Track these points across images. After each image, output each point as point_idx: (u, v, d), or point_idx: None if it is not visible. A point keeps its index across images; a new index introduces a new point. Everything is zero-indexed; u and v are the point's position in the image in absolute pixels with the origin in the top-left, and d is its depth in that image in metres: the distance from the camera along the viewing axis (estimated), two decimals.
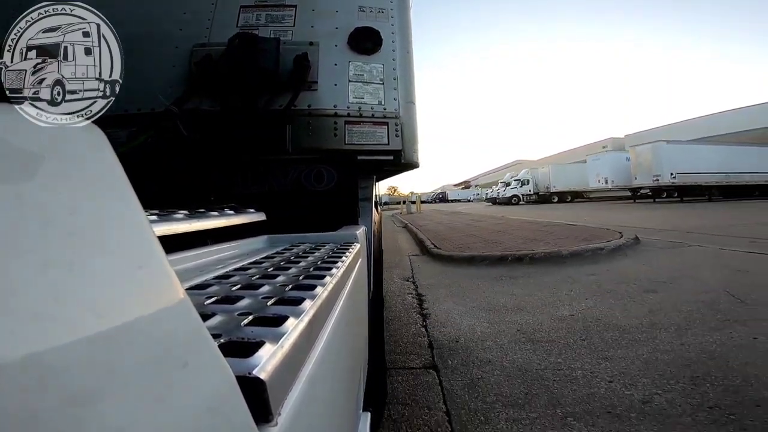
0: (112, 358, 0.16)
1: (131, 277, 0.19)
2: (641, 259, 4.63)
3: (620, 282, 3.59)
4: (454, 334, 2.52)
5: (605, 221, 9.21)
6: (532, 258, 4.76)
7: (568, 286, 3.54)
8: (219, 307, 0.40)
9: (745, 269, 3.79)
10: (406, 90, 1.54)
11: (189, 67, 1.36)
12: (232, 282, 0.51)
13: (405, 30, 1.60)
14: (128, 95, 1.27)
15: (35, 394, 0.12)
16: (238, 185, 1.39)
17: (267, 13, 1.48)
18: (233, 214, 0.98)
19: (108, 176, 0.21)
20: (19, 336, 0.13)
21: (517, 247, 5.46)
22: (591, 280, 3.76)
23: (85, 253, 0.17)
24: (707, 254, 4.75)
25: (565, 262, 4.58)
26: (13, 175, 0.16)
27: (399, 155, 1.48)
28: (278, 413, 0.27)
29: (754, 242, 5.29)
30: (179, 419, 0.18)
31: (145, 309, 0.18)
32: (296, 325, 0.35)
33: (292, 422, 0.28)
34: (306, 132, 1.38)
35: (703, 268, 3.95)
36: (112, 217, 0.20)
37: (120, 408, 0.15)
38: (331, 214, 1.38)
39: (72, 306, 0.15)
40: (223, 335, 0.32)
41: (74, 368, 0.14)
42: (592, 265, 4.40)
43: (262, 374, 0.26)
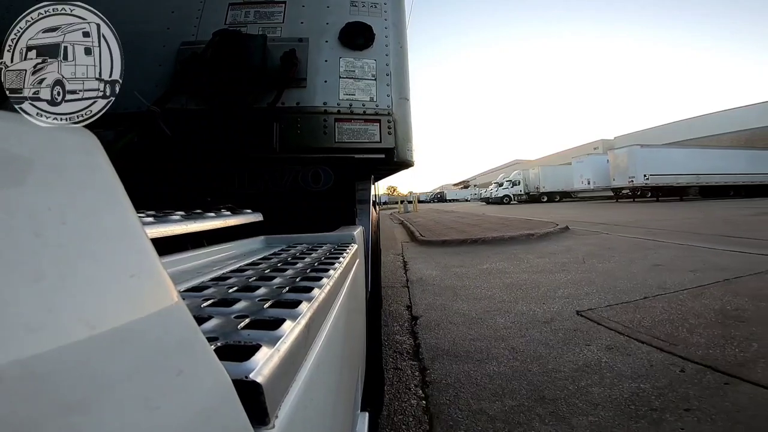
0: (106, 366, 0.16)
1: (124, 283, 0.19)
2: (556, 241, 6.76)
3: (528, 253, 5.67)
4: (420, 276, 4.58)
5: (566, 217, 11.23)
6: (483, 240, 7.03)
7: (495, 256, 5.58)
8: (215, 309, 0.39)
9: (612, 246, 5.78)
10: (400, 86, 1.50)
11: (174, 66, 1.34)
12: (228, 284, 0.51)
13: (399, 25, 1.57)
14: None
15: (27, 403, 0.12)
16: (234, 186, 1.38)
17: (255, 10, 1.46)
18: (230, 215, 0.97)
19: (99, 180, 0.21)
20: (10, 345, 0.13)
21: (478, 234, 7.56)
22: (511, 251, 5.93)
23: (75, 260, 0.17)
24: (603, 238, 6.89)
25: (503, 243, 6.82)
26: (2, 181, 0.16)
27: (392, 153, 1.45)
28: (275, 416, 0.27)
29: (650, 231, 7.39)
30: (175, 425, 0.18)
31: (138, 315, 0.18)
32: (293, 328, 0.34)
33: (288, 424, 0.28)
34: (294, 130, 1.35)
35: (590, 246, 5.99)
36: (104, 223, 0.20)
37: (114, 415, 0.15)
38: (329, 215, 1.37)
39: (63, 315, 0.15)
40: (220, 339, 0.32)
41: (67, 377, 0.14)
42: (520, 245, 6.53)
43: (258, 378, 0.26)
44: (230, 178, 1.38)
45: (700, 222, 8.67)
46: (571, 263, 4.67)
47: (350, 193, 1.44)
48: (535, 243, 6.64)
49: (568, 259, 4.94)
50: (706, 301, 2.88)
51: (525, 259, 5.14)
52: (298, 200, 1.38)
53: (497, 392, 1.79)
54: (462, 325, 2.73)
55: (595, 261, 4.71)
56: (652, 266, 4.21)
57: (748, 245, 5.07)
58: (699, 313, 2.63)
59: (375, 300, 1.60)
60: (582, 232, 7.82)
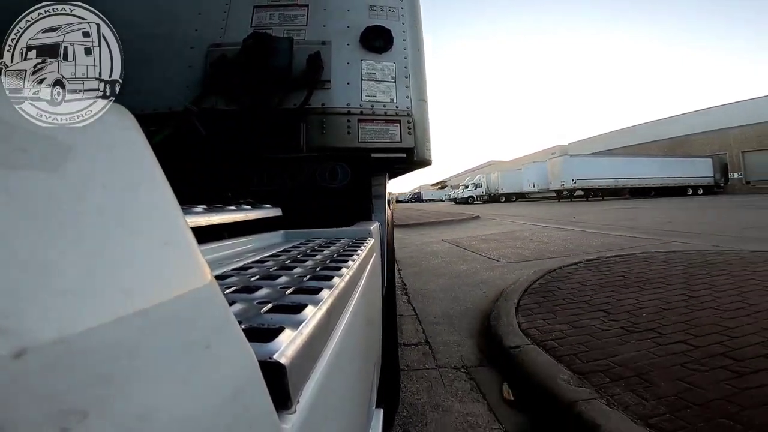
0: (140, 338, 0.16)
1: (162, 258, 0.19)
2: (464, 222, 11.44)
3: (444, 231, 9.08)
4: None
5: (493, 212, 16.79)
6: (424, 224, 10.95)
7: (426, 232, 9.12)
8: (238, 296, 0.40)
9: (490, 222, 10.88)
10: (418, 88, 1.53)
11: (204, 67, 1.37)
12: (250, 273, 0.52)
13: (416, 28, 1.60)
14: (145, 95, 1.30)
15: (63, 372, 0.12)
16: (254, 182, 1.40)
17: (280, 13, 1.49)
18: (250, 209, 0.99)
19: (138, 159, 0.21)
20: (51, 313, 0.13)
21: (424, 220, 11.77)
22: (437, 229, 9.66)
23: (117, 233, 0.17)
24: (492, 221, 11.34)
25: (435, 225, 10.75)
26: (49, 158, 0.16)
27: (412, 153, 1.48)
28: (297, 401, 0.27)
29: (534, 219, 11.42)
30: (202, 402, 0.18)
31: (175, 290, 0.18)
32: (315, 313, 0.34)
33: (310, 411, 0.28)
34: (320, 130, 1.38)
35: (479, 223, 10.90)
36: (145, 199, 0.20)
37: (145, 389, 0.15)
38: (346, 211, 1.38)
39: (102, 285, 0.15)
40: (243, 322, 0.32)
41: (101, 347, 0.14)
42: (443, 226, 10.49)
43: (282, 359, 0.25)
44: (249, 176, 1.40)
45: (575, 212, 12.79)
46: (460, 229, 9.44)
47: (366, 190, 1.45)
48: (453, 224, 10.91)
49: (460, 227, 9.86)
50: (507, 241, 6.61)
51: (439, 229, 9.54)
52: (316, 196, 1.40)
53: (412, 257, 5.61)
54: (405, 247, 6.58)
55: (474, 227, 9.71)
56: (503, 231, 8.20)
57: (575, 224, 8.78)
58: (491, 239, 7.02)
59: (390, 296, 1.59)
60: (485, 218, 12.50)
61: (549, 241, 6.22)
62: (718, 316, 2.09)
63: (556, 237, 6.65)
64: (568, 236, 6.67)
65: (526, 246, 5.81)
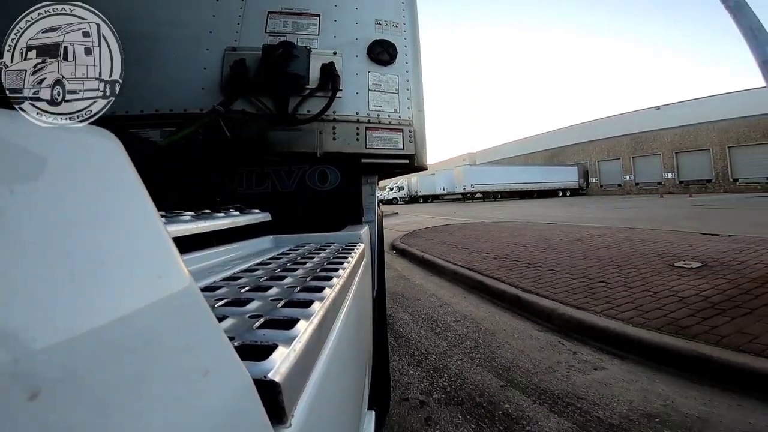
0: (135, 364, 0.16)
1: (152, 285, 0.19)
2: (390, 219, 14.19)
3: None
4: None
5: (410, 210, 20.42)
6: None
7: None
8: (230, 309, 0.40)
9: (400, 215, 16.68)
10: (417, 99, 1.62)
11: (222, 70, 1.37)
12: (240, 284, 0.52)
13: (415, 42, 1.68)
14: (161, 95, 1.30)
15: (53, 401, 0.12)
16: (242, 186, 1.39)
17: (293, 21, 1.51)
18: (238, 214, 0.98)
19: (123, 181, 0.20)
20: (39, 342, 0.13)
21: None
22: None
23: (102, 260, 0.17)
24: (405, 216, 15.87)
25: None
26: (26, 179, 0.15)
27: (413, 159, 1.57)
28: (291, 415, 0.28)
29: (436, 214, 15.80)
30: (199, 424, 0.19)
31: (166, 316, 0.19)
32: (306, 327, 0.35)
33: (304, 423, 0.29)
34: (331, 137, 1.43)
35: (395, 219, 14.82)
36: (130, 225, 0.20)
37: (142, 414, 0.15)
38: (336, 214, 1.38)
39: (91, 314, 0.15)
40: (237, 338, 0.32)
41: (96, 374, 0.14)
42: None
43: (276, 377, 0.26)
44: (238, 179, 1.39)
45: (462, 210, 17.63)
46: (385, 220, 10.32)
47: (357, 191, 1.47)
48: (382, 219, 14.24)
49: (385, 219, 15.70)
50: (408, 225, 11.31)
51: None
52: (306, 200, 1.40)
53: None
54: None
55: (394, 219, 13.75)
56: (409, 221, 12.54)
57: (452, 216, 13.61)
58: (401, 224, 11.65)
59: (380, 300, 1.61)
60: (402, 214, 16.56)
61: (425, 222, 11.77)
62: (479, 243, 6.50)
63: (432, 221, 11.98)
64: (439, 221, 11.94)
65: (413, 225, 10.88)
